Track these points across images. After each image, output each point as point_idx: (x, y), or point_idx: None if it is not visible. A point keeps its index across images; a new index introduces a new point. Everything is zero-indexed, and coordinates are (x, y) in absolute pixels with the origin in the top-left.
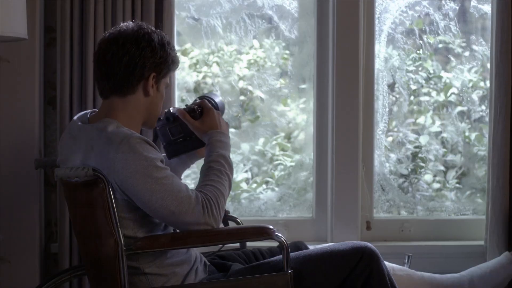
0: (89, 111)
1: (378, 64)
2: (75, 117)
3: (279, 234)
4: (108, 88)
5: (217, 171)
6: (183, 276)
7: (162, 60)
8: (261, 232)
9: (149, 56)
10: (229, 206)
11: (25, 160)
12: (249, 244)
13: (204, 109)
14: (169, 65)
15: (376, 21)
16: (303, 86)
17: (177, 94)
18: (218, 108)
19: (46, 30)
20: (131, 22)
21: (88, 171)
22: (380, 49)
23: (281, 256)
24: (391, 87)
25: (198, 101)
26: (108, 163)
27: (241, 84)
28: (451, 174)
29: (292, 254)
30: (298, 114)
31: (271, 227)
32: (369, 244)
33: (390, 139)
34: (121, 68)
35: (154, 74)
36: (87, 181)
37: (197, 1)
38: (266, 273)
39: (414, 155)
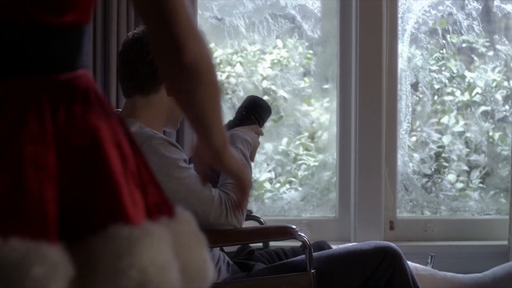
0: None
1: (401, 63)
2: None
3: (302, 234)
4: (131, 87)
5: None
6: None
7: None
8: (284, 232)
9: None
10: (252, 205)
11: None
12: (272, 244)
13: None
14: None
15: (399, 21)
16: (326, 86)
17: None
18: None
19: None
20: None
21: None
22: (403, 48)
23: (303, 256)
24: (414, 86)
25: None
26: None
27: (265, 84)
28: (475, 174)
29: (315, 254)
30: (322, 113)
31: (293, 226)
32: (392, 244)
33: (413, 139)
34: (144, 67)
35: None
36: None
37: (220, 1)
38: (288, 273)
39: (438, 155)
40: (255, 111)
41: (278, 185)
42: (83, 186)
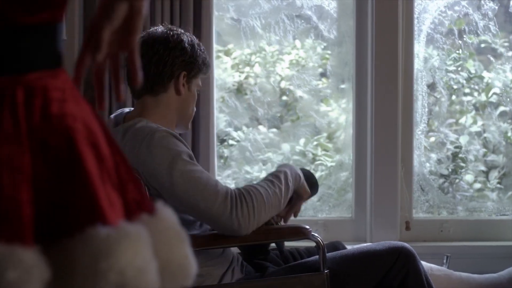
0: (126, 109)
1: (418, 64)
2: (112, 116)
3: (315, 234)
4: (141, 88)
5: (270, 182)
6: (219, 277)
7: (192, 59)
8: (297, 232)
9: (178, 55)
10: None
11: None
12: (287, 244)
13: None
14: (200, 65)
15: (415, 21)
16: (342, 86)
17: (220, 94)
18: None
19: (85, 31)
20: (161, 26)
21: None
22: (420, 49)
23: (317, 256)
24: (431, 87)
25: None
26: (134, 158)
27: (283, 84)
28: (493, 174)
29: (329, 254)
30: (339, 114)
31: (307, 227)
32: (405, 244)
33: (430, 139)
34: (151, 67)
35: (184, 73)
36: None
37: (236, 1)
38: (302, 273)
39: (455, 155)
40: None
41: None
42: (58, 188)
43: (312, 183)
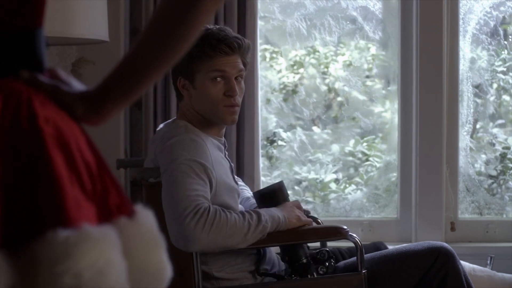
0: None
1: (463, 64)
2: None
3: (353, 234)
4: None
5: (242, 215)
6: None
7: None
8: (335, 232)
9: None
10: (318, 206)
11: (110, 161)
12: (330, 244)
13: None
14: (192, 59)
15: (460, 22)
16: (389, 88)
17: (274, 95)
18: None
19: (132, 32)
20: None
21: (157, 172)
22: (465, 49)
23: (355, 257)
24: (478, 87)
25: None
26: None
27: (336, 85)
28: None
29: (368, 255)
30: (387, 115)
31: (344, 227)
32: (445, 244)
33: (476, 140)
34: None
35: (180, 77)
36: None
37: (281, 2)
38: (340, 273)
39: (503, 156)
40: (272, 201)
41: (343, 186)
42: (26, 191)
43: (277, 194)
